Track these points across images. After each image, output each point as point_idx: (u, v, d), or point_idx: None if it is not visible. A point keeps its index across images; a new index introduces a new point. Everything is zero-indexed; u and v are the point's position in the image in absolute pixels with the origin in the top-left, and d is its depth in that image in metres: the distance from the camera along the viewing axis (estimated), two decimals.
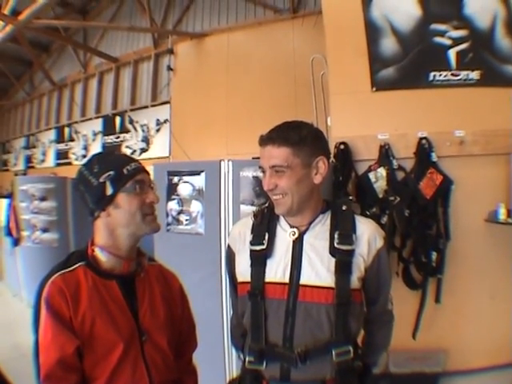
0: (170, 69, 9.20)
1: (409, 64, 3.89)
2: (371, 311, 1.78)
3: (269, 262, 1.64)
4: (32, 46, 11.39)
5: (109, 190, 1.51)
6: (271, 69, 7.70)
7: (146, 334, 1.56)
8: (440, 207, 3.74)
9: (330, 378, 1.59)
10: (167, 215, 3.69)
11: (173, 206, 3.66)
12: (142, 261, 1.65)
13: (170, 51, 9.22)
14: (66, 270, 1.50)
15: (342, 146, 3.82)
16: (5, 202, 7.37)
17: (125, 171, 1.53)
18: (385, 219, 3.68)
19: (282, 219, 1.71)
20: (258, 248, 1.67)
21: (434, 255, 3.71)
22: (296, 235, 1.65)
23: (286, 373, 1.59)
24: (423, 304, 3.78)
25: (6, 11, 7.24)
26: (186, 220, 3.60)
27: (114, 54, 10.75)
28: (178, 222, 3.64)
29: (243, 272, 1.70)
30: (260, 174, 1.74)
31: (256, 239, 1.69)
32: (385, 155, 3.77)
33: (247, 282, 1.66)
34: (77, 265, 1.52)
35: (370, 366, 1.77)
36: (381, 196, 3.74)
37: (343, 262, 1.60)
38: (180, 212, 3.63)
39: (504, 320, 3.71)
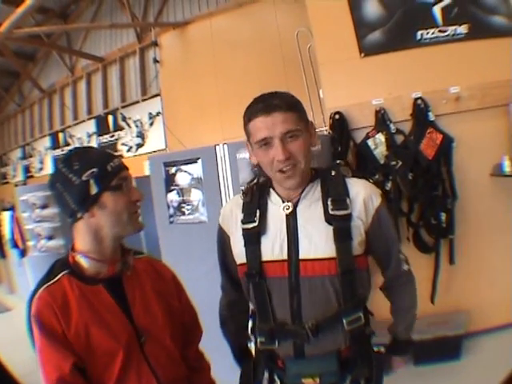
0: (156, 61, 9.02)
1: (395, 25, 3.81)
2: (387, 276, 1.71)
3: (263, 240, 1.56)
4: (17, 56, 11.22)
5: (93, 189, 1.39)
6: (258, 49, 7.55)
7: (144, 334, 1.47)
8: (443, 167, 3.67)
9: (345, 347, 1.54)
10: (168, 207, 3.64)
11: (173, 196, 3.61)
12: (128, 258, 1.55)
13: (155, 43, 9.04)
14: (51, 282, 1.42)
15: (336, 116, 3.76)
16: (7, 214, 7.35)
17: (109, 168, 1.42)
18: (389, 185, 3.63)
19: (272, 194, 1.63)
20: (249, 226, 1.59)
21: (444, 216, 3.65)
22: (290, 209, 1.57)
23: (299, 349, 1.54)
24: (438, 266, 3.73)
25: None
26: (188, 210, 3.55)
27: (99, 54, 10.60)
28: (180, 212, 3.59)
29: (239, 253, 1.62)
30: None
31: (247, 217, 1.60)
32: (381, 120, 3.71)
33: (245, 264, 1.59)
34: (60, 274, 1.44)
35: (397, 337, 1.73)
36: (382, 162, 3.69)
37: (341, 228, 1.52)
38: (181, 202, 3.58)
39: None
